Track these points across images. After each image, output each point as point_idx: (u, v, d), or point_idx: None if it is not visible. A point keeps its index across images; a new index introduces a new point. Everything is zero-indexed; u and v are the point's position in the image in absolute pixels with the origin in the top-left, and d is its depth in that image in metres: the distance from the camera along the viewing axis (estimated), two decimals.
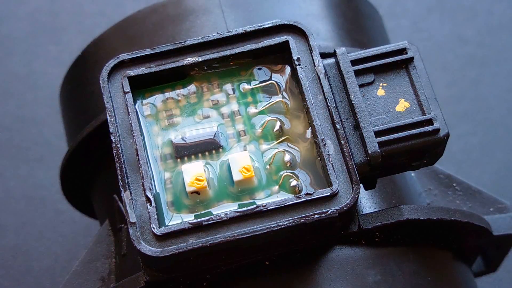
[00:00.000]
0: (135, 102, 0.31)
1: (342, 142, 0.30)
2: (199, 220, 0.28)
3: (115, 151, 0.30)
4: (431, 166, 0.32)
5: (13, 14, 0.60)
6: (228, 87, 0.32)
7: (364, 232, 0.30)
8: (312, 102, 0.30)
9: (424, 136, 0.30)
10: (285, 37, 0.32)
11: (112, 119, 0.30)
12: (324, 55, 0.32)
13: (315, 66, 0.31)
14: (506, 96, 0.57)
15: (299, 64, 0.31)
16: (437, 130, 0.30)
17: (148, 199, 0.29)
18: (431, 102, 0.30)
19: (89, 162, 0.39)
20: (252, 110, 0.31)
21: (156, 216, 0.28)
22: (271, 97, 0.31)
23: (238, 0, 0.37)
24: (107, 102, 0.31)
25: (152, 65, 0.31)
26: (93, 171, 0.39)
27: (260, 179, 0.30)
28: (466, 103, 0.57)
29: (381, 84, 0.31)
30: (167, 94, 0.32)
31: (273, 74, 0.32)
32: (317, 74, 0.31)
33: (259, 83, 0.32)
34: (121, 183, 0.29)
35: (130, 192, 0.29)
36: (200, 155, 0.30)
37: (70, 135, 0.41)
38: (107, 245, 0.36)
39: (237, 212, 0.28)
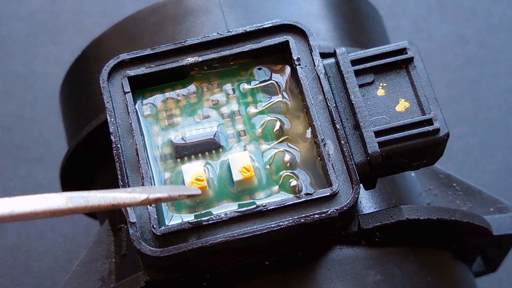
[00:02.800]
0: (135, 102, 0.31)
1: (342, 142, 0.30)
2: (199, 220, 0.28)
3: (115, 151, 0.30)
4: (431, 166, 0.32)
5: (13, 14, 0.60)
6: (228, 87, 0.32)
7: (364, 232, 0.30)
8: (312, 102, 0.30)
9: (424, 136, 0.30)
10: (285, 37, 0.32)
11: (112, 119, 0.30)
12: (324, 55, 0.32)
13: (315, 66, 0.31)
14: (506, 96, 0.57)
15: (299, 64, 0.31)
16: (437, 130, 0.30)
17: None
18: (431, 102, 0.30)
19: (89, 162, 0.39)
20: (252, 110, 0.31)
21: (156, 216, 0.28)
22: (271, 97, 0.31)
23: (238, 0, 0.37)
24: (107, 102, 0.31)
25: (152, 65, 0.31)
26: (93, 171, 0.39)
27: (260, 179, 0.30)
28: (466, 103, 0.57)
29: (381, 84, 0.31)
30: (167, 94, 0.32)
31: (273, 74, 0.32)
32: (317, 74, 0.31)
33: (259, 83, 0.32)
34: (121, 183, 0.29)
35: None
36: (200, 155, 0.30)
37: (70, 135, 0.41)
38: (107, 245, 0.36)
39: (237, 212, 0.28)
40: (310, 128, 0.30)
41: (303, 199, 0.29)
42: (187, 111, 0.31)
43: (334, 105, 0.30)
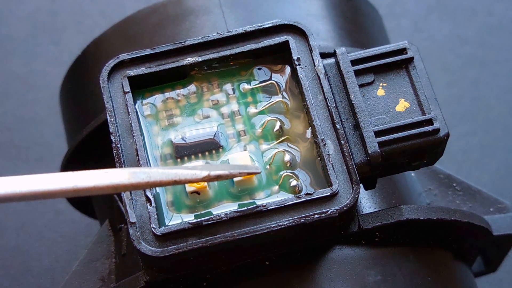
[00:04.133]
0: (135, 102, 0.31)
1: (342, 142, 0.30)
2: (199, 220, 0.28)
3: (115, 151, 0.30)
4: (431, 166, 0.32)
5: (13, 14, 0.60)
6: (228, 87, 0.32)
7: (364, 232, 0.30)
8: (312, 102, 0.30)
9: (424, 136, 0.30)
10: (285, 37, 0.32)
11: (112, 119, 0.30)
12: (324, 55, 0.32)
13: (315, 66, 0.31)
14: (506, 96, 0.57)
15: (299, 64, 0.31)
16: (437, 130, 0.30)
17: (148, 199, 0.29)
18: (431, 102, 0.30)
19: (89, 162, 0.39)
20: (252, 110, 0.31)
21: (156, 216, 0.28)
22: (271, 97, 0.31)
23: (238, 0, 0.37)
24: (107, 102, 0.31)
25: (152, 65, 0.31)
26: None
27: (260, 179, 0.30)
28: (466, 103, 0.57)
29: (381, 84, 0.31)
30: (167, 94, 0.32)
31: (273, 74, 0.32)
32: (317, 74, 0.31)
33: (259, 83, 0.32)
34: None
35: (130, 192, 0.29)
36: (200, 155, 0.30)
37: (70, 135, 0.41)
38: (107, 245, 0.36)
39: (237, 212, 0.28)
40: (310, 128, 0.30)
41: (303, 199, 0.29)
42: (187, 111, 0.31)
43: (334, 105, 0.30)
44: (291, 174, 0.30)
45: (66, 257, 0.53)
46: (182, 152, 0.30)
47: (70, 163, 0.39)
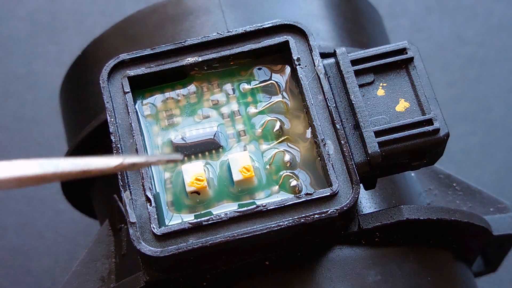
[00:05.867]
0: (135, 102, 0.31)
1: (342, 142, 0.30)
2: (199, 220, 0.28)
3: (115, 151, 0.30)
4: (431, 166, 0.32)
5: (13, 14, 0.60)
6: (228, 87, 0.32)
7: (364, 232, 0.30)
8: (312, 102, 0.30)
9: (424, 136, 0.30)
10: (285, 37, 0.32)
11: (112, 119, 0.30)
12: (324, 55, 0.32)
13: (315, 66, 0.31)
14: (506, 96, 0.57)
15: (299, 64, 0.31)
16: (437, 130, 0.30)
17: (148, 199, 0.29)
18: (431, 102, 0.30)
19: None
20: (252, 110, 0.31)
21: (156, 216, 0.28)
22: (271, 97, 0.31)
23: (238, 0, 0.37)
24: (107, 102, 0.31)
25: (152, 65, 0.31)
26: None
27: (260, 179, 0.30)
28: (466, 103, 0.57)
29: (381, 84, 0.31)
30: (167, 94, 0.32)
31: (273, 74, 0.32)
32: (317, 74, 0.31)
33: (259, 83, 0.32)
34: (121, 183, 0.29)
35: (130, 192, 0.29)
36: (200, 155, 0.30)
37: (70, 135, 0.41)
38: (107, 245, 0.36)
39: (237, 212, 0.28)
40: (310, 128, 0.30)
41: (303, 199, 0.29)
42: (187, 111, 0.31)
43: (334, 105, 0.30)
44: (291, 174, 0.30)
45: (66, 257, 0.53)
46: (182, 152, 0.30)
47: None
